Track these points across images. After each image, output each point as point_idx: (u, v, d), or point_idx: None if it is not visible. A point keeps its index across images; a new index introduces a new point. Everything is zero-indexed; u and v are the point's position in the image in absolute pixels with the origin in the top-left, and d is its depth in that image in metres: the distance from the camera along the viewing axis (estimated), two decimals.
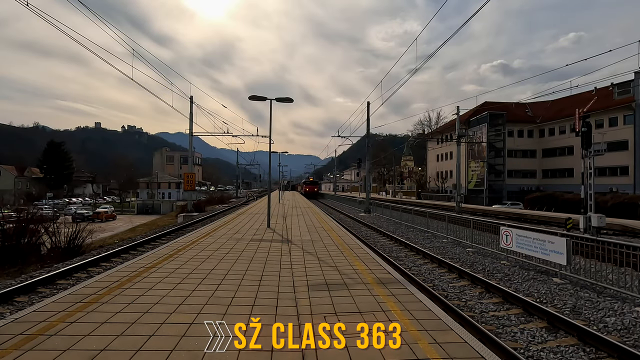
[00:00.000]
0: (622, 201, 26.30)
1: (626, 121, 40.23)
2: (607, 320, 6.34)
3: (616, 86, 36.07)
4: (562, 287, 8.16)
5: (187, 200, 30.47)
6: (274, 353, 3.69)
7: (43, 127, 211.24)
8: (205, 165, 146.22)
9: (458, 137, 32.06)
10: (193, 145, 29.86)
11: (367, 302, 5.26)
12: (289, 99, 13.72)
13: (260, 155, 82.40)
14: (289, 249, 9.76)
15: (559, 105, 47.72)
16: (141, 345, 3.77)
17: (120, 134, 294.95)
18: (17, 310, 6.85)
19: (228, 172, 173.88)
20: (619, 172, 40.72)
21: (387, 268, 7.49)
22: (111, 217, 45.00)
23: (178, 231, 19.44)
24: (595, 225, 15.95)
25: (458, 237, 14.82)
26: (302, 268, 7.53)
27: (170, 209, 55.17)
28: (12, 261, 12.11)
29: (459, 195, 31.71)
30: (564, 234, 10.33)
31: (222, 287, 5.99)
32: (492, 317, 6.62)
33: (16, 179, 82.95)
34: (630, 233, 17.42)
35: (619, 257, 8.02)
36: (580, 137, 17.21)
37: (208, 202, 52.82)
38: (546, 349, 5.34)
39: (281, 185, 66.53)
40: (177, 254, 8.64)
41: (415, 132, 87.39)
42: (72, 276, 9.69)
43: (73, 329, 4.15)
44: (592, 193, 16.94)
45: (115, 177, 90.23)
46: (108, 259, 11.84)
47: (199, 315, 4.63)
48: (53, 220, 16.17)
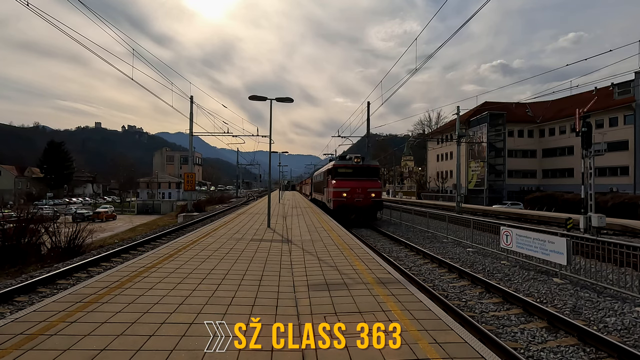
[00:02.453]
0: (622, 201, 26.29)
1: (626, 121, 40.23)
2: (607, 320, 6.33)
3: (616, 86, 36.04)
4: (562, 287, 8.16)
5: (187, 200, 30.48)
6: (274, 353, 3.69)
7: (43, 127, 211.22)
8: (205, 165, 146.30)
9: (458, 137, 32.06)
10: (193, 145, 29.88)
11: (367, 302, 5.26)
12: (289, 99, 13.72)
13: (260, 155, 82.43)
14: (289, 249, 9.75)
15: (559, 105, 47.70)
16: (141, 345, 3.77)
17: (121, 134, 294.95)
18: (17, 310, 6.85)
19: (228, 172, 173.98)
20: (619, 172, 40.71)
21: (387, 268, 7.49)
22: (111, 217, 45.02)
23: (178, 231, 19.44)
24: (595, 225, 15.95)
25: (458, 237, 14.81)
26: (302, 268, 7.53)
27: (171, 208, 55.19)
28: (12, 261, 12.12)
29: (459, 195, 31.70)
30: (564, 234, 10.33)
31: (222, 287, 5.99)
32: (492, 317, 6.62)
33: (16, 178, 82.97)
34: (631, 233, 17.41)
35: (619, 257, 8.02)
36: (581, 137, 17.20)
37: (208, 202, 52.87)
38: (546, 349, 5.34)
39: (281, 185, 65.90)
40: (177, 254, 8.63)
41: (415, 132, 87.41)
42: (72, 276, 9.69)
43: (73, 328, 4.15)
44: (592, 193, 16.93)
45: (115, 177, 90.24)
46: (108, 259, 11.84)
47: (199, 315, 4.63)
48: (53, 220, 16.18)
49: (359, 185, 19.21)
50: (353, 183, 19.29)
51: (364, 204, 19.11)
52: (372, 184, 19.76)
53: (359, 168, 20.20)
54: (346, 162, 21.04)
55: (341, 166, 20.65)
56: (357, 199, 19.00)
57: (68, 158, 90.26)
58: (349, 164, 20.44)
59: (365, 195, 19.11)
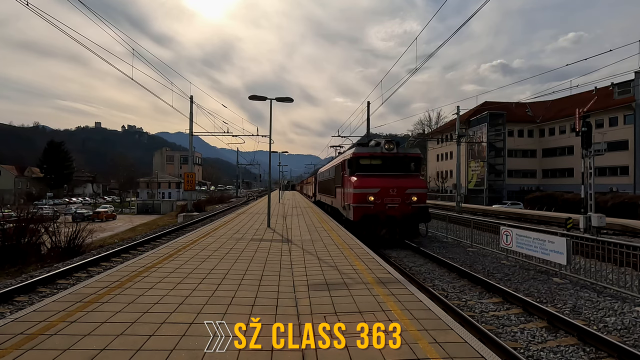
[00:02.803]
0: (622, 201, 26.31)
1: (626, 121, 40.24)
2: (607, 320, 6.34)
3: (616, 86, 36.07)
4: (562, 287, 8.16)
5: (187, 200, 30.49)
6: (274, 353, 3.69)
7: (43, 126, 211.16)
8: (205, 165, 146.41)
9: (458, 137, 32.08)
10: (193, 145, 29.90)
11: (367, 302, 5.26)
12: (288, 99, 13.72)
13: (260, 155, 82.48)
14: (289, 249, 9.75)
15: (559, 105, 47.72)
16: (141, 345, 3.77)
17: (120, 133, 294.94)
18: (17, 310, 6.85)
19: (228, 171, 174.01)
20: (619, 172, 40.72)
21: (387, 268, 7.49)
22: (111, 216, 45.03)
23: (178, 231, 19.45)
24: (595, 225, 15.96)
25: (458, 237, 14.81)
26: (302, 268, 7.53)
27: (170, 208, 55.19)
28: (12, 261, 12.13)
29: (459, 195, 31.72)
30: (564, 233, 10.33)
31: (222, 286, 5.99)
32: (492, 317, 6.62)
33: (16, 178, 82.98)
34: (631, 233, 17.42)
35: (619, 257, 8.03)
36: (581, 137, 17.21)
37: (208, 202, 52.90)
38: (546, 349, 5.34)
39: (281, 185, 65.84)
40: (177, 254, 8.64)
41: (415, 131, 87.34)
42: (72, 276, 9.70)
43: (73, 328, 4.15)
44: (592, 193, 16.94)
45: (115, 177, 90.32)
46: (108, 259, 11.85)
47: (199, 315, 4.63)
48: (53, 220, 16.19)
49: (393, 184, 13.19)
50: (384, 181, 13.26)
51: (401, 212, 13.03)
52: (412, 182, 13.60)
53: (392, 159, 13.84)
54: (372, 149, 14.29)
55: (365, 155, 14.01)
56: (390, 204, 13.02)
57: (68, 158, 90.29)
58: (377, 152, 13.96)
59: (403, 198, 13.12)
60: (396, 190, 13.12)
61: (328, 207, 21.82)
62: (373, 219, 12.89)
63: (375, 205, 12.97)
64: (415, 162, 14.41)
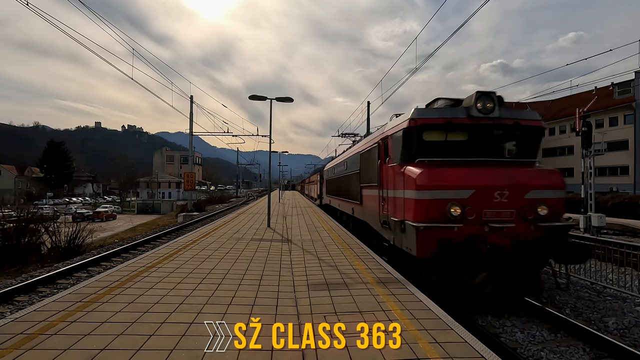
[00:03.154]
0: (622, 201, 26.30)
1: (626, 121, 40.21)
2: (607, 320, 6.33)
3: (616, 86, 36.08)
4: (562, 287, 8.15)
5: (187, 200, 30.51)
6: (274, 353, 3.69)
7: (43, 126, 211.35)
8: (205, 165, 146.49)
9: None
10: (193, 145, 29.90)
11: (367, 302, 5.26)
12: (288, 99, 13.71)
13: (260, 155, 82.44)
14: (289, 249, 9.75)
15: (559, 105, 47.69)
16: (141, 345, 3.77)
17: (121, 133, 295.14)
18: (17, 310, 6.86)
19: (228, 171, 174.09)
20: (619, 171, 40.71)
21: (387, 267, 7.48)
22: (111, 216, 45.05)
23: (178, 231, 19.46)
24: (595, 225, 15.96)
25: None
26: (302, 267, 7.53)
27: (171, 208, 55.20)
28: (12, 261, 12.13)
29: None
30: None
31: (222, 286, 5.99)
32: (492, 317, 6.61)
33: (16, 178, 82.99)
34: (631, 233, 17.41)
35: (619, 257, 8.03)
36: (581, 136, 17.22)
37: (208, 202, 52.96)
38: (546, 349, 5.34)
39: (281, 184, 65.86)
40: (177, 254, 8.63)
41: None
42: (73, 275, 9.71)
43: (73, 328, 4.15)
44: (592, 193, 16.94)
45: (115, 177, 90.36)
46: (108, 259, 11.85)
47: (199, 315, 4.62)
48: (53, 220, 16.20)
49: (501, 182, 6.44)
50: (481, 174, 6.53)
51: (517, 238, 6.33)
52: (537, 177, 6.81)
53: (493, 130, 7.05)
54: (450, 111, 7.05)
55: (437, 122, 6.93)
56: (495, 223, 6.34)
57: (68, 158, 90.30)
58: (460, 118, 6.92)
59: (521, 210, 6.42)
60: (507, 193, 6.40)
61: (345, 217, 15.13)
62: (461, 252, 6.06)
63: (465, 225, 6.31)
64: (535, 135, 7.44)
